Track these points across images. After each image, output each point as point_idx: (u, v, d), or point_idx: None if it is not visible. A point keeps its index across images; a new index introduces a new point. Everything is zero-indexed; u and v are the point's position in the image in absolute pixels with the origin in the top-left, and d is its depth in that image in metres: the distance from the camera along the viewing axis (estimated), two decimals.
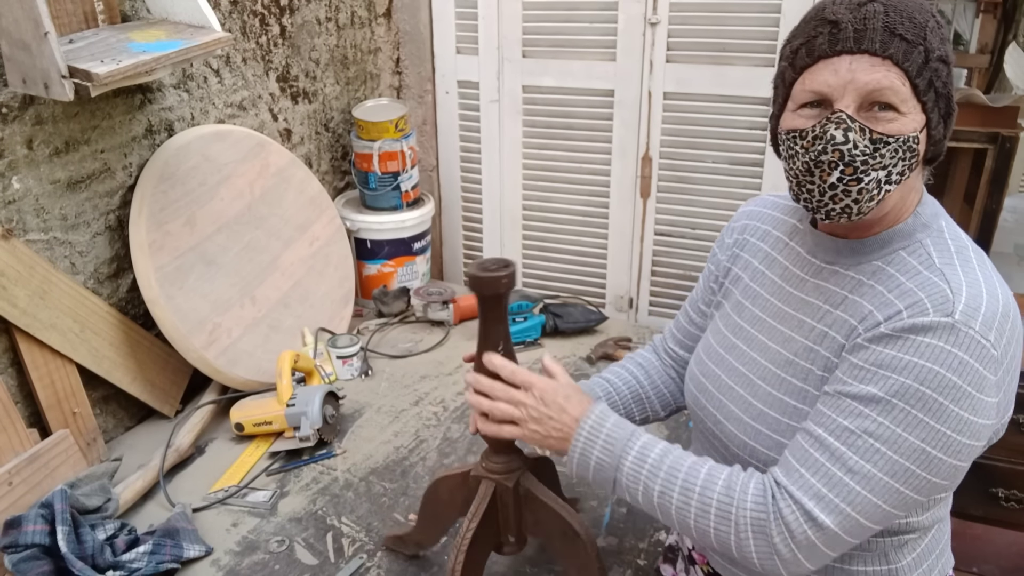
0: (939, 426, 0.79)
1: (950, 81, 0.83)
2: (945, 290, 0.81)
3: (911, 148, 0.83)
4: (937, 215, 0.90)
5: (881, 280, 0.87)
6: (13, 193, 1.43)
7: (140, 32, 1.50)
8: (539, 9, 2.24)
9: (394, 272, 2.30)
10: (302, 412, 1.57)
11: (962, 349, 0.78)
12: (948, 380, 0.78)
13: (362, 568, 1.30)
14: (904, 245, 0.88)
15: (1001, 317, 0.80)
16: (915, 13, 0.81)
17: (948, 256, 0.86)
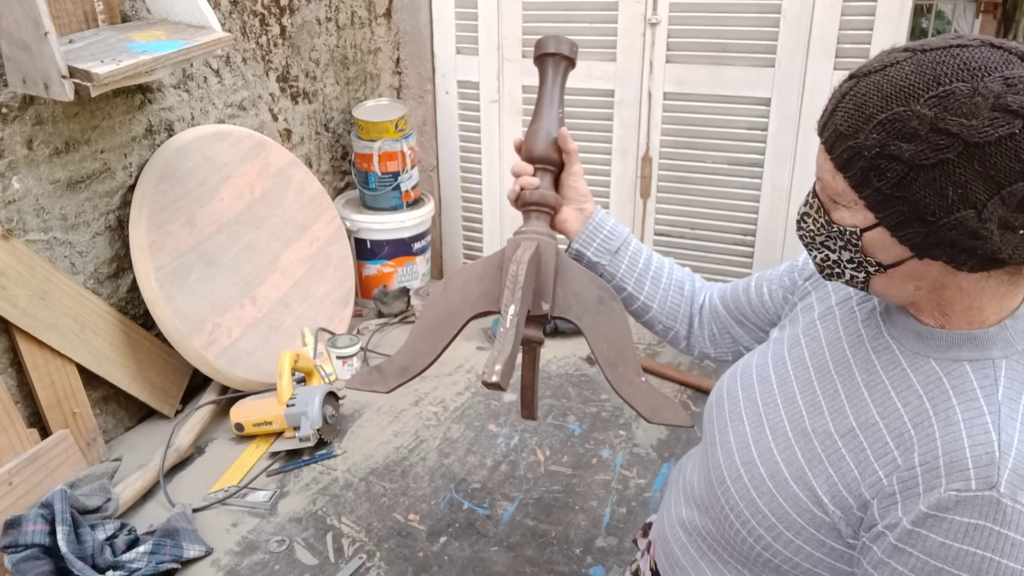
0: None
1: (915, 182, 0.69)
2: (992, 444, 0.70)
3: (852, 242, 0.76)
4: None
5: (932, 394, 0.76)
6: (13, 193, 1.43)
7: (140, 32, 1.50)
8: (539, 9, 2.24)
9: (394, 272, 2.30)
10: (302, 412, 1.57)
11: (1011, 529, 0.68)
12: (1004, 567, 0.68)
13: (362, 568, 1.30)
14: (972, 358, 0.76)
15: None
16: (873, 101, 0.71)
17: (1017, 391, 0.73)
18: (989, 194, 0.67)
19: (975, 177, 0.67)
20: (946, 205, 0.69)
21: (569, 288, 1.06)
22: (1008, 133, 0.66)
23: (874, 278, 0.78)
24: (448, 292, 1.08)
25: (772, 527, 0.83)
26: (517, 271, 0.99)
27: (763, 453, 0.87)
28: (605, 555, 1.32)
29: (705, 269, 2.30)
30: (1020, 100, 0.66)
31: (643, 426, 1.67)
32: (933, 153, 0.68)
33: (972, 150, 0.67)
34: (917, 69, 0.70)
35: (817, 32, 1.97)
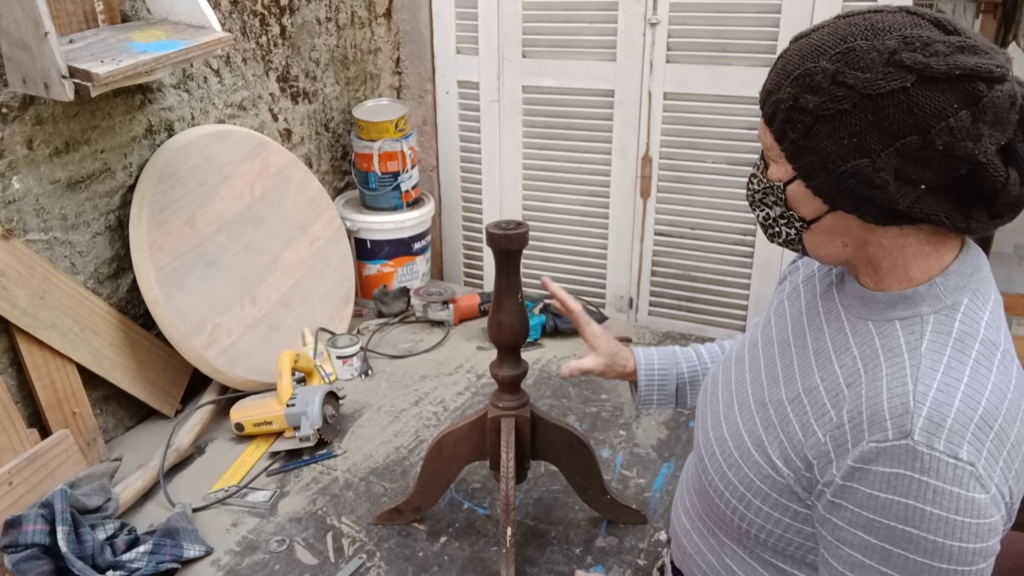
0: (940, 564, 0.71)
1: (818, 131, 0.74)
2: (908, 395, 0.72)
3: (779, 196, 0.81)
4: (962, 290, 0.78)
5: (864, 351, 0.80)
6: (13, 193, 1.43)
7: (140, 32, 1.50)
8: (539, 9, 2.24)
9: (394, 272, 2.30)
10: (302, 412, 1.57)
11: (930, 475, 0.69)
12: (926, 513, 0.70)
13: (362, 568, 1.30)
14: (903, 316, 0.79)
15: (977, 426, 0.70)
16: (793, 60, 0.76)
17: (941, 343, 0.75)
18: (884, 145, 0.71)
19: (870, 128, 0.71)
20: (843, 153, 0.73)
21: (544, 439, 1.31)
22: (900, 87, 0.69)
23: (804, 236, 0.82)
24: (443, 451, 1.33)
25: (742, 497, 0.86)
26: (507, 490, 1.21)
27: (731, 427, 0.91)
28: (605, 555, 1.32)
29: (705, 269, 2.30)
30: (914, 57, 0.70)
31: (643, 426, 1.67)
32: (833, 104, 0.72)
33: (866, 102, 0.71)
34: (833, 31, 0.75)
35: None
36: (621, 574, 1.28)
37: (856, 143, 0.72)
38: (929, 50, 0.70)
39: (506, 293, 1.21)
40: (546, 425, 1.31)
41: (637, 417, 1.71)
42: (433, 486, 1.36)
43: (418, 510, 1.38)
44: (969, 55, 0.70)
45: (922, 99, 0.69)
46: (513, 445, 1.25)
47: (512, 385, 1.27)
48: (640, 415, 1.72)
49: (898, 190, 0.72)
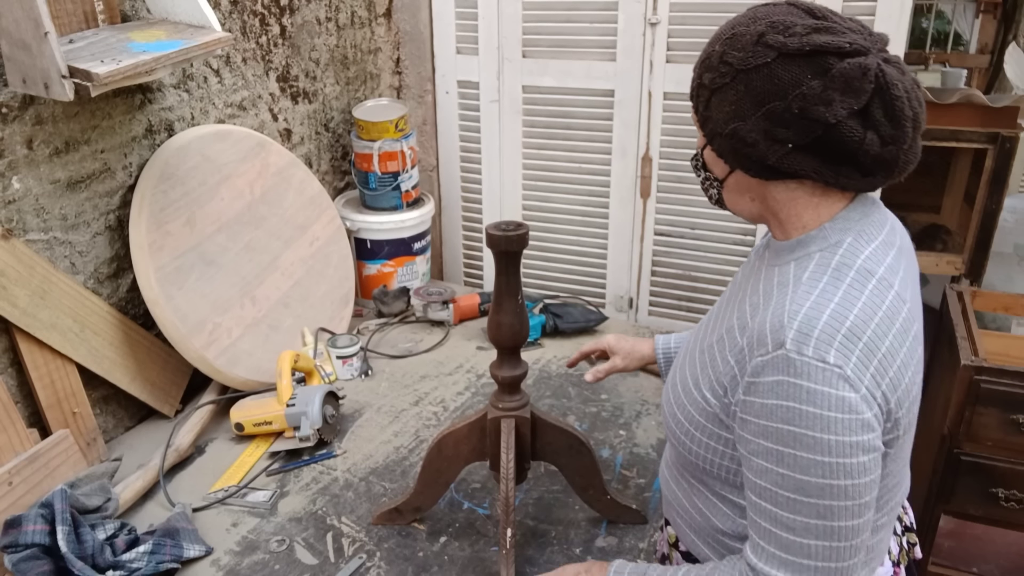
0: (822, 457, 0.81)
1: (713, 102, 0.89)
2: (784, 314, 0.85)
3: (701, 161, 0.98)
4: (846, 231, 0.90)
5: (765, 290, 0.92)
6: (13, 193, 1.43)
7: (140, 32, 1.50)
8: (539, 9, 2.24)
9: (394, 272, 2.30)
10: (302, 412, 1.57)
11: (802, 377, 0.81)
12: (802, 412, 0.81)
13: (362, 568, 1.30)
14: (798, 256, 0.92)
15: (845, 336, 0.81)
16: (704, 49, 0.92)
17: (820, 272, 0.88)
18: (754, 110, 0.86)
19: (743, 96, 0.86)
20: (726, 118, 0.88)
21: (544, 440, 1.32)
22: (763, 62, 0.84)
23: (723, 193, 0.98)
24: (443, 451, 1.33)
25: (688, 432, 0.99)
26: (507, 490, 1.22)
27: (681, 375, 1.03)
28: (605, 555, 1.32)
29: (705, 268, 2.30)
30: (776, 38, 0.84)
31: (643, 426, 1.67)
32: (720, 79, 0.88)
33: (740, 75, 0.86)
34: (729, 22, 0.91)
35: None
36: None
37: (734, 109, 0.87)
38: (788, 32, 0.84)
39: (506, 294, 1.21)
40: (546, 426, 1.31)
41: (637, 417, 1.71)
42: (433, 486, 1.36)
43: (418, 510, 1.38)
44: (823, 35, 0.83)
45: (781, 72, 0.83)
46: (513, 446, 1.26)
47: (512, 386, 1.28)
48: (640, 415, 1.72)
49: (768, 148, 0.86)
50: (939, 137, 2.36)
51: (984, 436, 1.82)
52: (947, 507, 1.94)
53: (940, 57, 4.04)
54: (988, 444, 1.83)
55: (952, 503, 1.92)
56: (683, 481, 1.07)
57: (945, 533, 2.30)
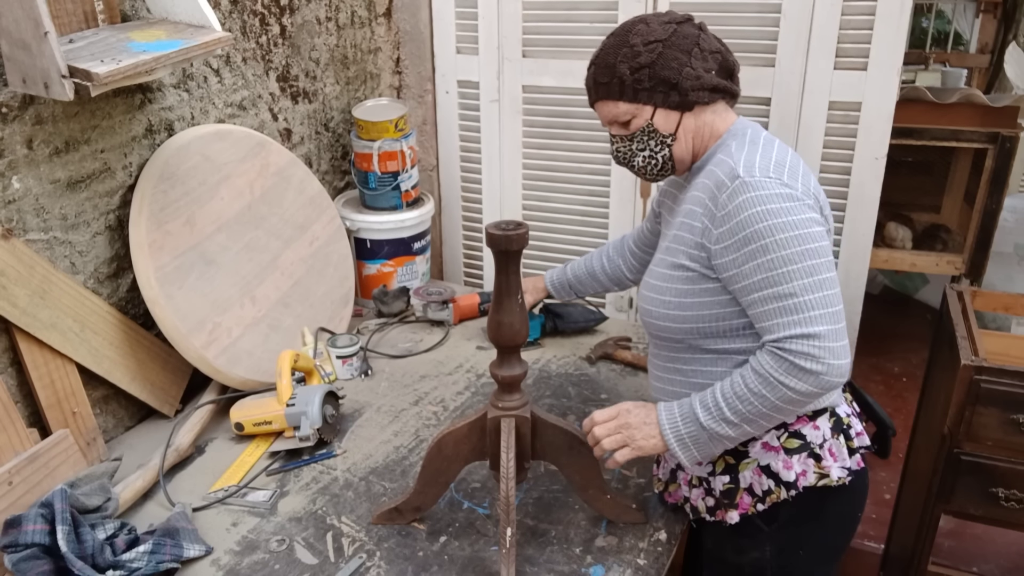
0: (793, 232, 1.13)
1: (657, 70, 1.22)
2: (731, 163, 1.20)
3: (651, 130, 1.27)
4: (745, 127, 1.29)
5: (709, 176, 1.24)
6: (13, 193, 1.43)
7: (140, 32, 1.50)
8: (539, 9, 2.24)
9: (394, 272, 2.30)
10: (302, 412, 1.57)
11: (758, 189, 1.15)
12: (768, 209, 1.14)
13: (362, 568, 1.30)
14: (720, 150, 1.27)
15: (775, 164, 1.19)
16: (608, 57, 1.26)
17: (742, 145, 1.24)
18: (687, 57, 1.23)
19: (677, 52, 1.23)
20: (676, 70, 1.23)
21: (545, 439, 1.33)
22: (672, 30, 1.24)
23: (673, 148, 1.28)
24: (443, 451, 1.34)
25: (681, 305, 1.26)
26: (507, 490, 1.23)
27: (654, 276, 1.32)
28: (605, 555, 1.32)
29: None
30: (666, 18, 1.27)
31: None
32: (653, 53, 1.23)
33: (667, 42, 1.23)
34: (614, 36, 1.27)
35: (817, 32, 1.97)
36: (621, 574, 1.28)
37: (678, 62, 1.23)
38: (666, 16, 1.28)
39: (506, 293, 1.21)
40: (546, 425, 1.31)
41: None
42: (433, 486, 1.36)
43: (418, 509, 1.38)
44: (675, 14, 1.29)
45: (684, 30, 1.25)
46: (513, 445, 1.26)
47: (512, 385, 1.28)
48: None
49: (708, 76, 1.24)
50: (939, 137, 2.36)
51: (984, 436, 1.82)
52: (947, 507, 1.93)
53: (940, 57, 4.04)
54: (988, 444, 1.82)
55: (952, 503, 1.92)
56: (670, 363, 1.33)
57: (945, 533, 2.30)
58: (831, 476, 1.25)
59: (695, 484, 1.35)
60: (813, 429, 1.26)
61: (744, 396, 1.17)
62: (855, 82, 1.98)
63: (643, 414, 1.27)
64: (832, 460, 1.26)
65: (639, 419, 1.26)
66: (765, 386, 1.15)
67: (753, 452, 1.28)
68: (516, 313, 1.22)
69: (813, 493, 1.25)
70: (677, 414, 1.23)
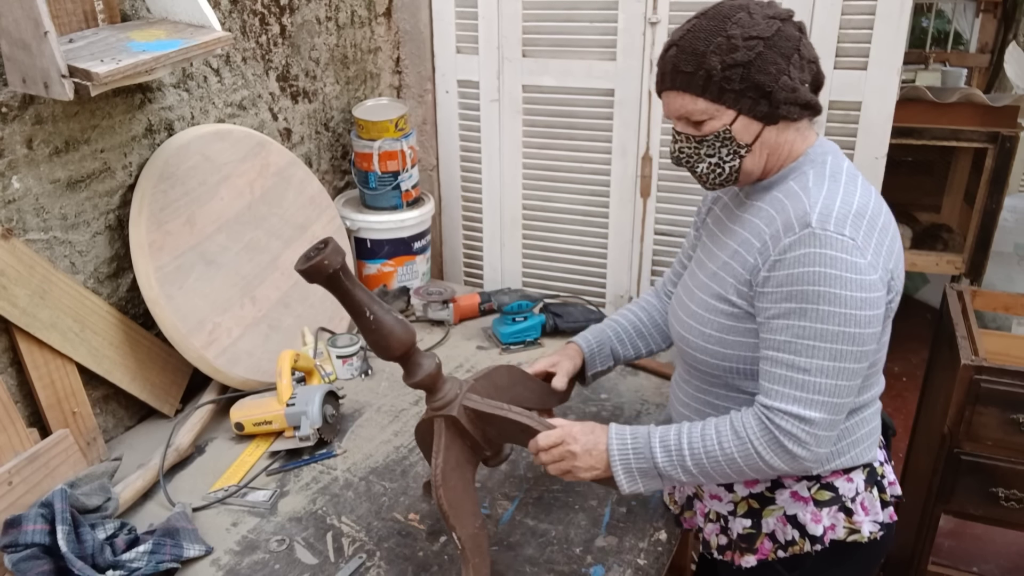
0: (839, 309, 1.03)
1: (752, 72, 1.08)
2: (805, 204, 1.08)
3: (727, 137, 1.12)
4: (826, 153, 1.16)
5: (773, 205, 1.14)
6: (13, 193, 1.43)
7: (140, 31, 1.50)
8: (539, 9, 2.24)
9: (394, 272, 2.30)
10: (302, 412, 1.57)
11: (826, 247, 1.04)
12: (826, 274, 1.03)
13: (362, 568, 1.30)
14: (794, 176, 1.15)
15: (855, 215, 1.06)
16: (698, 44, 1.09)
17: (821, 179, 1.12)
18: (787, 64, 1.08)
19: (777, 56, 1.08)
20: (773, 77, 1.08)
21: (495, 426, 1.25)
22: (777, 28, 1.09)
23: (744, 160, 1.14)
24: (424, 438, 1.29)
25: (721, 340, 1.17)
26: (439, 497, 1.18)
27: (697, 303, 1.23)
28: (605, 555, 1.32)
29: None
30: (771, 11, 1.11)
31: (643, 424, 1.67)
32: (751, 51, 1.07)
33: (768, 42, 1.08)
34: (710, 19, 1.10)
35: (817, 32, 1.97)
36: (621, 574, 1.28)
37: (777, 67, 1.08)
38: (770, 6, 1.12)
39: (354, 316, 1.15)
40: (485, 416, 1.24)
41: (637, 416, 1.71)
42: None
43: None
44: (776, 6, 1.13)
45: (787, 31, 1.10)
46: (443, 447, 1.21)
47: (428, 387, 1.22)
48: (640, 414, 1.72)
49: (803, 89, 1.10)
50: (939, 137, 2.36)
51: (984, 436, 1.82)
52: (947, 507, 1.94)
53: (940, 56, 4.03)
54: (988, 444, 1.83)
55: (952, 503, 1.92)
56: (699, 394, 1.26)
57: (945, 533, 2.30)
58: (862, 532, 1.19)
59: (712, 519, 1.31)
60: (847, 482, 1.20)
61: (712, 452, 1.10)
62: (855, 82, 1.98)
63: (589, 441, 1.18)
64: (864, 514, 1.19)
65: (583, 447, 1.17)
66: (739, 448, 1.09)
67: (780, 499, 1.21)
68: (374, 331, 1.15)
69: (840, 545, 1.19)
70: (630, 446, 1.16)
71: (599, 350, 1.49)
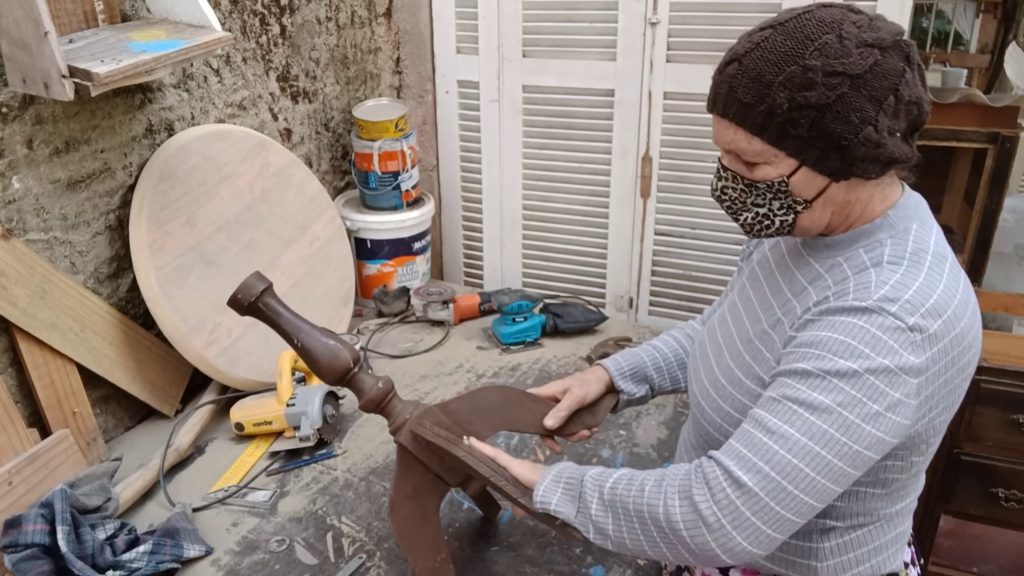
0: (855, 392, 0.82)
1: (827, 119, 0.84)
2: (871, 283, 0.87)
3: (782, 189, 0.90)
4: (910, 219, 0.93)
5: (833, 273, 0.94)
6: (13, 193, 1.43)
7: (140, 32, 1.50)
8: (539, 9, 2.24)
9: (394, 272, 2.30)
10: (302, 412, 1.57)
11: (875, 326, 0.83)
12: (862, 352, 0.82)
13: (362, 568, 1.30)
14: (865, 243, 0.93)
15: (927, 312, 0.84)
16: (765, 69, 0.87)
17: (900, 256, 0.90)
18: (876, 111, 0.84)
19: (864, 100, 0.84)
20: (853, 128, 0.84)
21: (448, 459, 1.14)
22: (874, 60, 0.84)
23: (801, 216, 0.93)
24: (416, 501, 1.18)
25: (735, 422, 0.97)
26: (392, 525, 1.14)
27: (723, 369, 1.04)
28: (605, 555, 1.32)
29: (705, 268, 2.30)
30: (872, 35, 0.84)
31: (643, 426, 1.67)
32: (831, 92, 0.84)
33: (857, 80, 0.84)
34: (787, 36, 0.87)
35: None
36: (621, 574, 1.28)
37: (861, 116, 0.84)
38: (872, 26, 0.86)
39: (287, 341, 1.14)
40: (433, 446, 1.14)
41: (637, 417, 1.71)
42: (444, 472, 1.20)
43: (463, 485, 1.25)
44: (883, 22, 0.88)
45: (887, 65, 0.84)
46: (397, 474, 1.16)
47: (375, 411, 1.16)
48: (640, 415, 1.72)
49: (891, 143, 0.86)
50: (939, 137, 2.35)
51: (984, 436, 1.82)
52: (947, 507, 1.94)
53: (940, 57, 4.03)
54: (988, 444, 1.83)
55: (952, 503, 1.92)
56: None
57: (945, 533, 2.30)
58: None
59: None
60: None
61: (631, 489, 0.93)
62: None
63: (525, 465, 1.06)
64: None
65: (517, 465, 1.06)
66: (654, 486, 0.91)
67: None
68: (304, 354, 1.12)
69: None
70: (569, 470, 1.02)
71: (631, 375, 1.27)
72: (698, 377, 1.09)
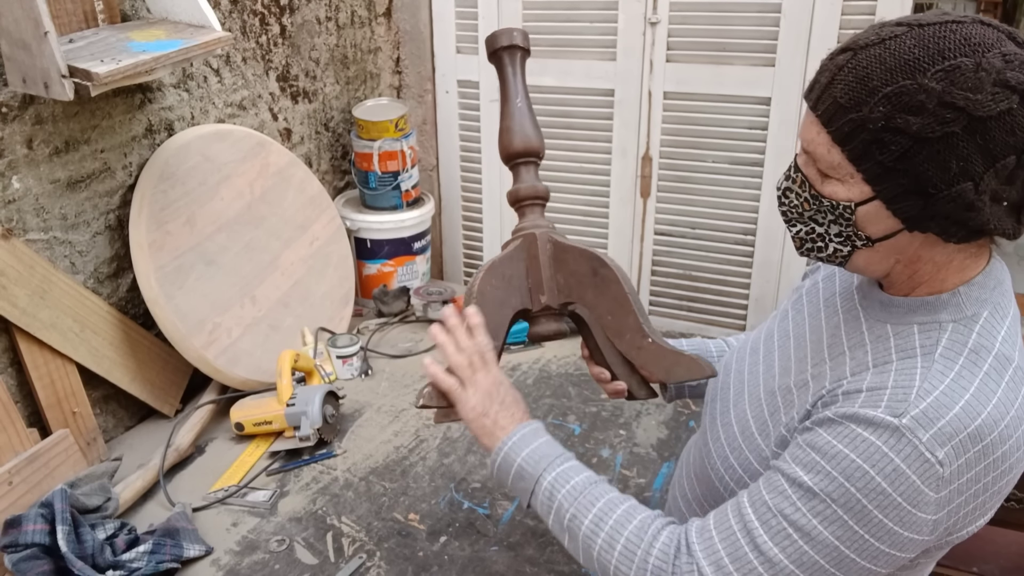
0: (858, 528, 0.74)
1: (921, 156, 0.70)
2: (911, 388, 0.74)
3: (845, 215, 0.78)
4: (983, 302, 0.79)
5: (877, 349, 0.81)
6: (13, 193, 1.43)
7: (140, 32, 1.50)
8: (539, 9, 2.24)
9: (394, 272, 2.30)
10: (302, 412, 1.57)
11: (900, 457, 0.72)
12: (877, 485, 0.73)
13: (362, 568, 1.30)
14: (922, 321, 0.80)
15: (967, 437, 0.72)
16: (876, 74, 0.72)
17: (956, 352, 0.76)
18: (986, 167, 0.70)
19: (976, 150, 0.69)
20: (948, 178, 0.70)
21: (568, 270, 1.08)
22: (1007, 108, 0.68)
23: (858, 252, 0.80)
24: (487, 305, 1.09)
25: (740, 480, 0.89)
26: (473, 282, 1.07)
27: (738, 415, 0.94)
28: None
29: (705, 268, 2.30)
30: (1018, 76, 0.69)
31: (643, 426, 1.67)
32: (940, 126, 0.69)
33: (975, 124, 0.68)
34: (919, 43, 0.71)
35: (817, 31, 1.97)
36: None
37: (962, 167, 0.70)
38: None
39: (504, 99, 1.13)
40: (569, 251, 1.09)
41: (637, 417, 1.71)
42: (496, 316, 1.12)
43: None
44: None
45: (1019, 117, 0.69)
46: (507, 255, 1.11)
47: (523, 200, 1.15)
48: (640, 415, 1.72)
49: (990, 211, 0.72)
50: None
51: None
52: None
53: None
54: None
55: None
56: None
57: None
58: None
59: None
60: None
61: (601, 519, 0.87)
62: None
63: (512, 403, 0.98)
64: None
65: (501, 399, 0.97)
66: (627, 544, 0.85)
67: None
68: (508, 117, 1.12)
69: None
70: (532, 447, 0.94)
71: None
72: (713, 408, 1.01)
